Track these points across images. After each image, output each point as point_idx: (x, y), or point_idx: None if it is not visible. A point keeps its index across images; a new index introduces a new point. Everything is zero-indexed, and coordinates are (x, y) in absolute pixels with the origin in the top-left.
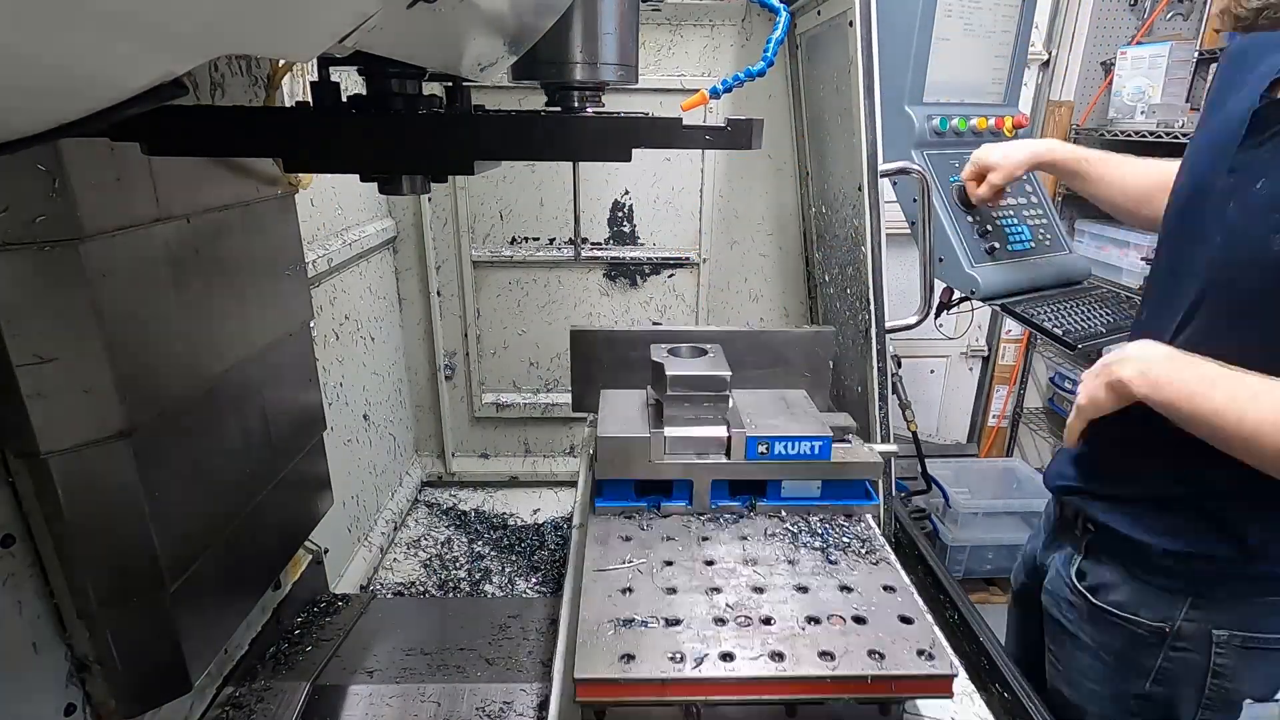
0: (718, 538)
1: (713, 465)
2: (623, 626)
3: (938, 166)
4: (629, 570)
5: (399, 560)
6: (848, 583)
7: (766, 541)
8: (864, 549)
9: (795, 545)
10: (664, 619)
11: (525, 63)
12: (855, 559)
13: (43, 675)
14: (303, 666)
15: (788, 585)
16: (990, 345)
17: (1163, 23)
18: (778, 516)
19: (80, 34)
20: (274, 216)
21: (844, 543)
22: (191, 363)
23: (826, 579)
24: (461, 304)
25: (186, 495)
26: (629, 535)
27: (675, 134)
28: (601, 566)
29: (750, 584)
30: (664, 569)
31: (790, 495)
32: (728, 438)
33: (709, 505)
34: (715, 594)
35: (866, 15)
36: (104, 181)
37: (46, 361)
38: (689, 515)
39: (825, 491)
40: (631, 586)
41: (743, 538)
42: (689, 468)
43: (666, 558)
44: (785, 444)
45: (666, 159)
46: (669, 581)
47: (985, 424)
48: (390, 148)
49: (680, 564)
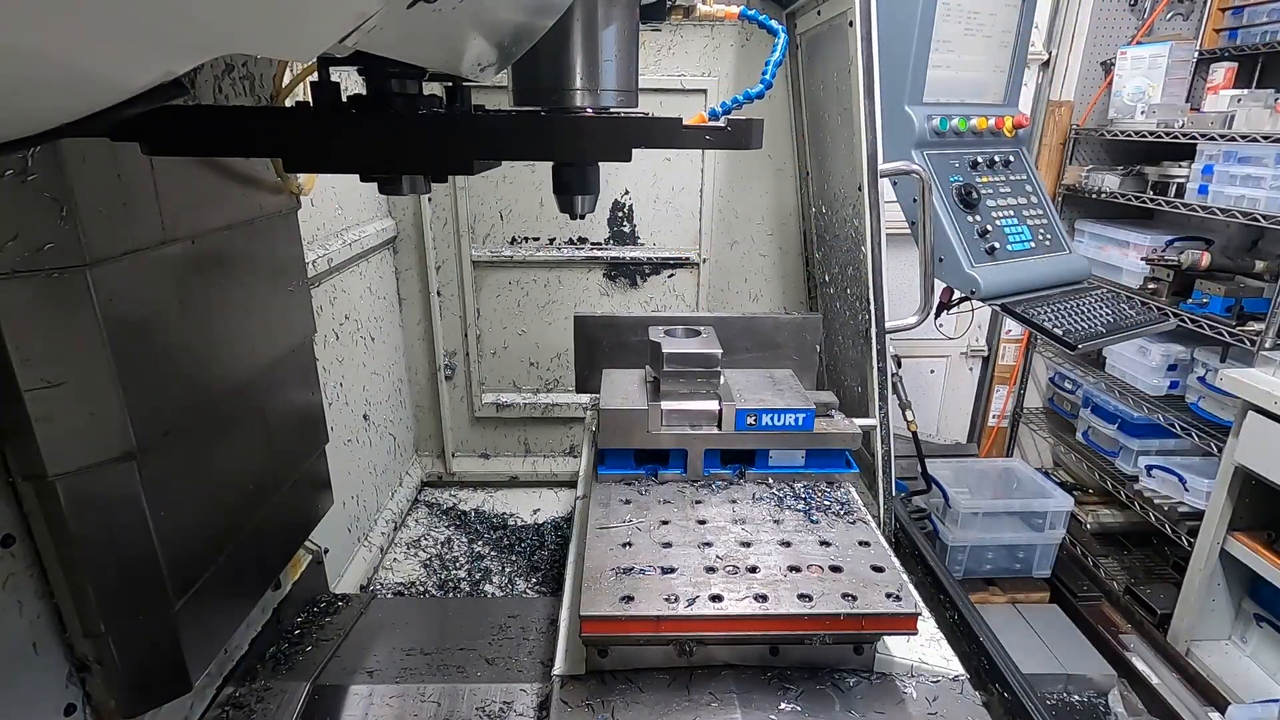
0: (710, 501)
1: (705, 435)
2: (623, 574)
3: (938, 166)
4: (629, 528)
5: (399, 560)
6: (827, 538)
7: (754, 504)
8: (843, 511)
9: (780, 507)
10: (660, 568)
11: (527, 88)
12: (834, 519)
13: (43, 675)
14: (303, 666)
15: (772, 540)
16: (990, 345)
17: (1163, 23)
18: (765, 483)
19: (81, 34)
20: (277, 233)
21: (825, 505)
22: (197, 382)
23: (808, 535)
24: (461, 304)
25: (191, 512)
26: (629, 499)
27: (675, 134)
28: (604, 525)
29: (739, 540)
30: (660, 527)
31: (777, 464)
32: (719, 410)
33: (702, 473)
34: (707, 548)
35: (866, 15)
36: (111, 207)
37: (54, 386)
38: (684, 482)
39: (809, 460)
40: (631, 541)
41: (733, 501)
42: (683, 438)
43: (663, 518)
44: (772, 415)
45: (666, 159)
46: (665, 537)
47: (985, 424)
48: (390, 148)
49: (675, 523)
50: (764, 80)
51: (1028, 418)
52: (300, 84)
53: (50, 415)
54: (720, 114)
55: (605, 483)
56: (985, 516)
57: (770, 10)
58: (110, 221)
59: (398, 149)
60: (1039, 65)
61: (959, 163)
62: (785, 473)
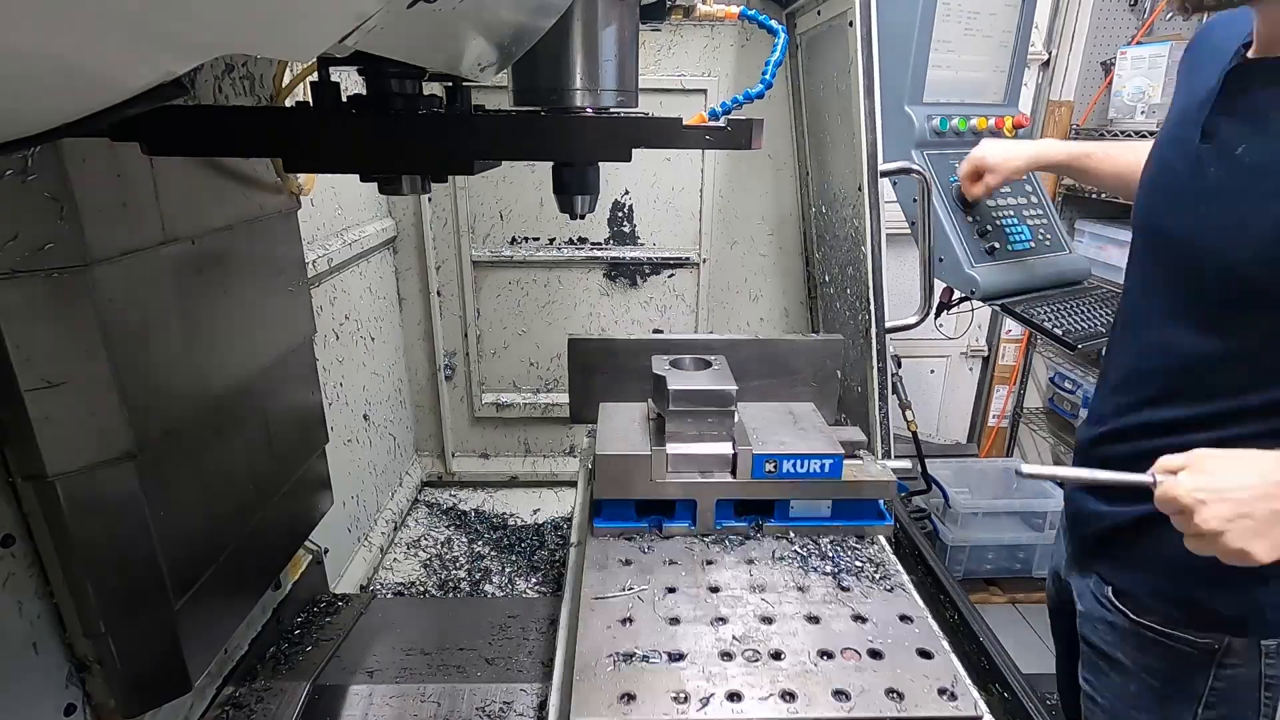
0: (723, 561)
1: (717, 484)
2: (623, 662)
3: (938, 166)
4: (629, 598)
5: (399, 560)
6: (861, 612)
7: (774, 565)
8: (878, 574)
9: (805, 570)
10: (666, 653)
11: (527, 88)
12: (869, 585)
13: (43, 675)
14: (303, 666)
15: (798, 615)
16: (990, 345)
17: (1163, 23)
18: (785, 538)
19: (81, 34)
20: (277, 233)
21: (856, 567)
22: (197, 382)
23: (839, 608)
24: (461, 304)
25: (191, 512)
26: (629, 559)
27: (675, 134)
28: (600, 594)
29: (758, 613)
30: (666, 596)
31: (799, 515)
32: (733, 455)
33: (713, 526)
34: (721, 624)
35: (866, 15)
36: (111, 206)
37: (54, 386)
38: (692, 536)
39: (836, 511)
40: (632, 616)
41: (749, 561)
42: (692, 487)
43: (669, 583)
44: (794, 462)
45: (666, 159)
46: (672, 610)
47: (985, 424)
48: (390, 148)
49: (684, 590)
50: (764, 80)
51: (1028, 418)
52: (300, 84)
53: (50, 415)
54: (720, 114)
55: (602, 538)
56: (985, 516)
57: (770, 10)
58: (110, 221)
59: (398, 149)
60: (1039, 65)
61: (959, 163)
62: (809, 525)
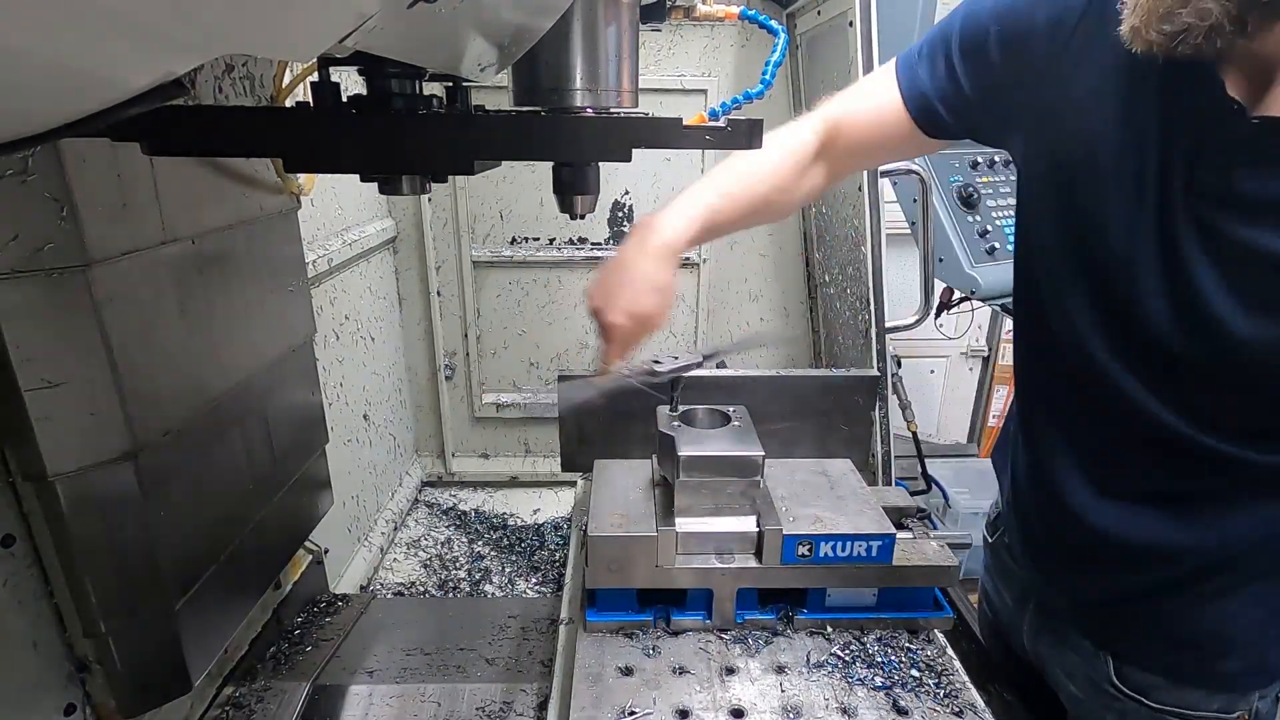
0: (747, 669)
1: (739, 571)
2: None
3: (938, 166)
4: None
5: (399, 560)
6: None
7: (810, 676)
8: (939, 686)
9: (848, 681)
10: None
11: (527, 88)
12: (931, 704)
13: (43, 675)
14: (303, 666)
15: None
16: (990, 345)
17: None
18: (822, 634)
19: (80, 34)
20: (277, 233)
21: (913, 678)
22: (197, 382)
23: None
24: (461, 304)
25: (191, 512)
26: (629, 666)
27: (675, 134)
28: (594, 717)
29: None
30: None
31: (838, 605)
32: (758, 534)
33: (733, 620)
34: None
35: (866, 15)
36: (111, 207)
37: (54, 386)
38: (708, 633)
39: (883, 600)
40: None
41: (779, 670)
42: (708, 574)
43: (679, 703)
44: (834, 544)
45: (666, 159)
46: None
47: (985, 424)
48: (390, 148)
49: (698, 714)
50: (764, 80)
51: None
52: (300, 84)
53: (50, 415)
54: (720, 114)
55: (596, 635)
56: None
57: (770, 10)
58: (110, 221)
59: (398, 149)
60: None
61: (959, 163)
62: (850, 618)
